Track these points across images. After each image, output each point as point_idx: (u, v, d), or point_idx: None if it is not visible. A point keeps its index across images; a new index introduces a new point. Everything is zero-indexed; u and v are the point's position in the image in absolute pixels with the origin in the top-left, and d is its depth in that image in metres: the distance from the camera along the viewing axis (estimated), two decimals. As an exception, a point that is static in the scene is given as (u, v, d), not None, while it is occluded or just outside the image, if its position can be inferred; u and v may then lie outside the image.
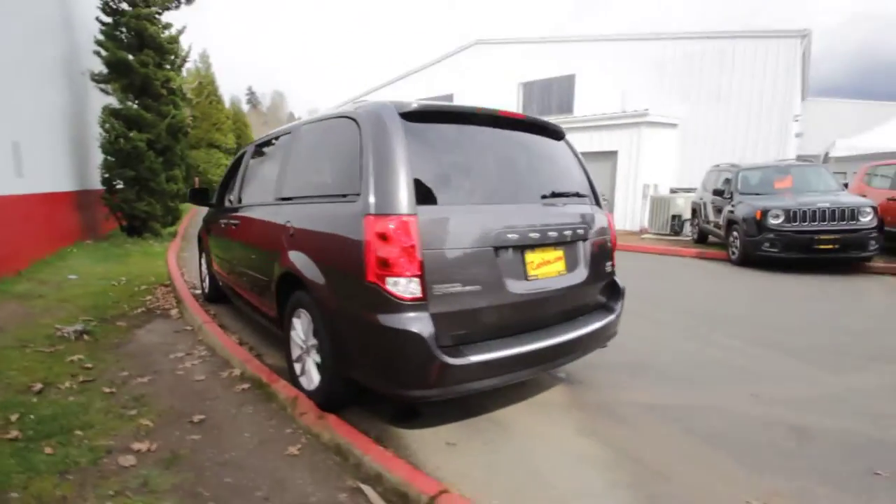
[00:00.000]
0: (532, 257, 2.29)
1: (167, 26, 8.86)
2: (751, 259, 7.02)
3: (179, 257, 7.78)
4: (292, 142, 2.91)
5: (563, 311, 2.49)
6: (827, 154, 15.64)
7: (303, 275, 2.39)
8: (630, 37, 17.31)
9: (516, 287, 2.19)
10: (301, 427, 2.29)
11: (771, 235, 6.64)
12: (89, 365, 3.06)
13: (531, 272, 2.27)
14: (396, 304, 1.93)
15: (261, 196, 3.43)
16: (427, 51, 23.41)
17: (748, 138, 14.46)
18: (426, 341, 1.90)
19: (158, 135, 8.59)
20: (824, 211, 6.43)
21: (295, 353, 2.74)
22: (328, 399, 2.42)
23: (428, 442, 2.26)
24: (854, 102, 22.08)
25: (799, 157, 14.68)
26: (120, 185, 8.52)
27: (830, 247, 6.37)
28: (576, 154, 2.81)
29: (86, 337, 3.65)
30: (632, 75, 16.89)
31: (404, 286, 1.93)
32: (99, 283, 5.52)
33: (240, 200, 3.72)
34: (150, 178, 8.52)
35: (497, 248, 2.15)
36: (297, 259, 2.48)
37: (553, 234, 2.35)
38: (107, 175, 8.31)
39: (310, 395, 2.51)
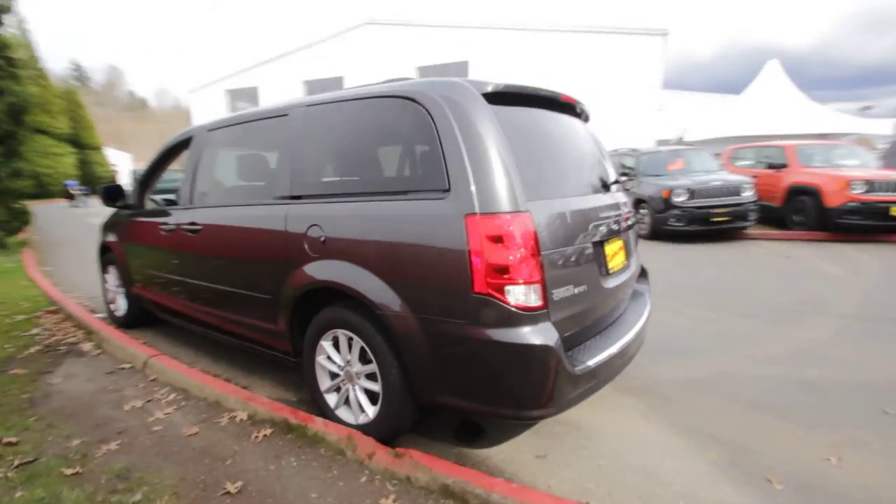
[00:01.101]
0: (608, 249, 2.18)
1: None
2: (658, 233, 7.88)
3: (45, 273, 6.15)
4: (297, 127, 2.36)
5: (624, 302, 2.44)
6: (681, 139, 18.26)
7: (354, 290, 1.97)
8: (519, 27, 18.08)
9: (606, 282, 2.08)
10: (377, 471, 1.90)
11: (676, 211, 7.52)
12: (12, 439, 2.20)
13: (610, 265, 2.17)
14: (515, 316, 1.67)
15: (241, 195, 2.77)
16: (295, 30, 21.69)
17: (618, 125, 16.17)
18: (556, 354, 1.69)
19: (-8, 117, 6.60)
20: (717, 188, 7.46)
21: (325, 383, 2.29)
22: (394, 431, 2.06)
23: (516, 459, 2.06)
24: (706, 95, 26.13)
25: (658, 142, 16.92)
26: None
27: (723, 219, 7.43)
28: (594, 137, 2.75)
29: (-27, 398, 2.64)
30: (520, 63, 17.72)
31: (525, 295, 1.67)
32: (-56, 319, 4.08)
33: (190, 201, 2.97)
34: (-14, 174, 6.54)
35: (594, 243, 2.00)
36: (340, 271, 2.03)
37: (616, 224, 2.27)
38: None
39: (360, 429, 2.11)
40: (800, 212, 7.81)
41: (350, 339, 2.13)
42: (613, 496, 1.82)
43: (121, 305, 3.99)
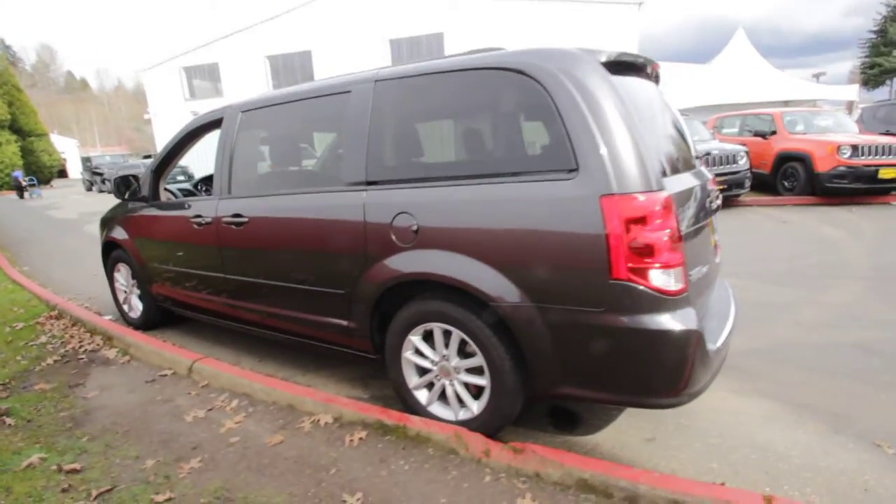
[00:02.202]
0: (709, 228, 2.12)
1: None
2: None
3: (26, 273, 5.64)
4: (366, 105, 2.14)
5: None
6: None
7: (461, 281, 1.83)
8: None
9: (715, 260, 2.02)
10: (499, 470, 1.81)
11: (675, 181, 7.63)
12: (74, 465, 1.97)
13: (713, 243, 2.11)
14: (659, 301, 1.58)
15: (295, 182, 2.54)
16: (256, 1, 20.28)
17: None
18: (699, 338, 1.62)
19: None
20: (715, 157, 7.58)
21: (412, 379, 2.17)
22: (501, 425, 1.97)
23: (627, 445, 2.02)
24: (674, 65, 26.35)
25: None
26: None
27: (721, 187, 7.58)
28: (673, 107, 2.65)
29: (8, 421, 2.37)
30: (495, 34, 17.33)
31: (669, 278, 1.58)
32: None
33: (228, 190, 2.71)
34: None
35: (702, 221, 1.93)
36: (440, 262, 1.88)
37: (710, 202, 2.20)
38: None
39: (462, 426, 2.01)
40: (790, 177, 8.07)
41: (447, 332, 2.00)
42: (741, 475, 1.80)
43: (136, 306, 3.69)
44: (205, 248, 2.83)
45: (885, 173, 7.15)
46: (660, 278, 1.58)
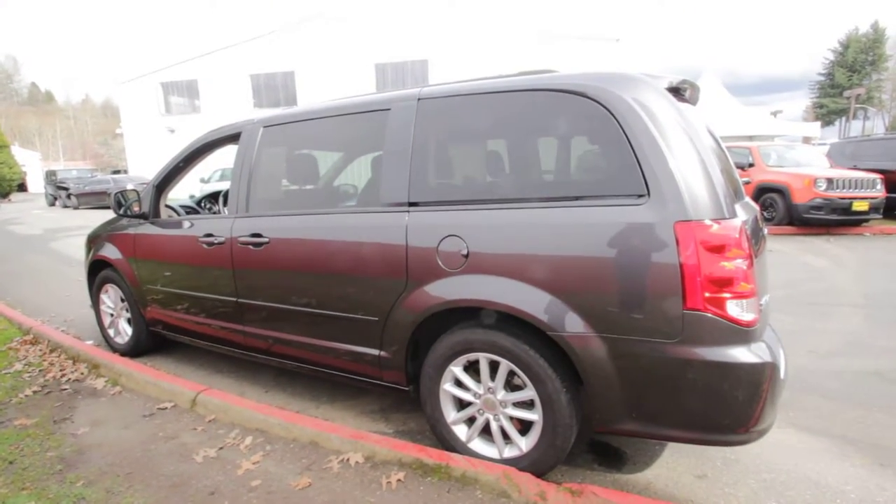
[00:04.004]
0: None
1: None
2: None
3: (-11, 294, 5.20)
4: (409, 123, 2.06)
5: None
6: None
7: (517, 310, 1.73)
8: (481, 27, 18.11)
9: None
10: (559, 515, 1.68)
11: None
12: (75, 515, 1.73)
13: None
14: (734, 333, 1.52)
15: (324, 202, 2.41)
16: (239, 19, 20.27)
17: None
18: (775, 371, 1.57)
19: None
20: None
21: (451, 413, 2.03)
22: (553, 464, 1.85)
23: (680, 482, 1.93)
24: None
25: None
26: None
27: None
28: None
29: (-14, 462, 2.08)
30: (483, 66, 17.76)
31: (745, 309, 1.53)
32: None
33: (246, 209, 2.55)
34: None
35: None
36: (493, 289, 1.78)
37: (762, 229, 2.17)
38: None
39: (509, 465, 1.88)
40: (769, 208, 8.39)
41: (493, 363, 1.89)
42: (800, 513, 1.74)
43: (124, 330, 3.41)
44: (215, 270, 2.64)
45: (858, 206, 7.53)
46: (735, 309, 1.53)
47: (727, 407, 1.57)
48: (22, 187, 32.25)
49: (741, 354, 1.53)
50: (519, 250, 1.76)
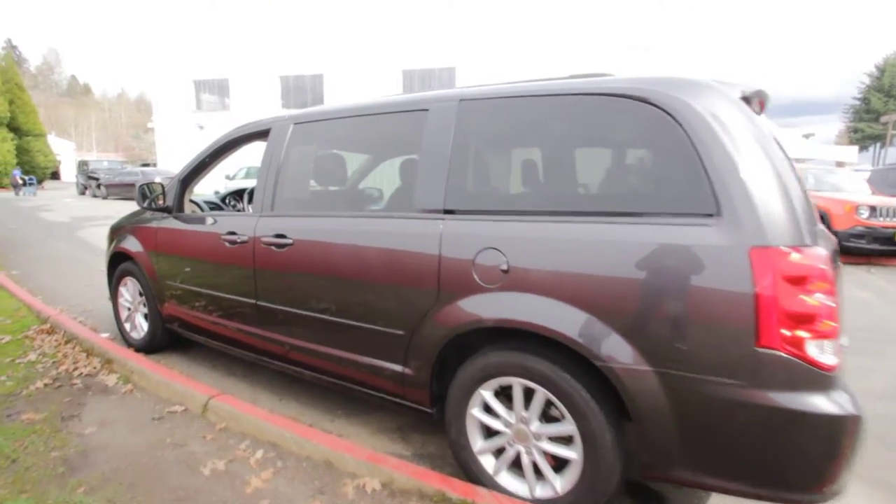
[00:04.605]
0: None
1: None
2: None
3: (15, 279, 5.23)
4: (448, 125, 1.92)
5: None
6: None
7: (562, 334, 1.57)
8: (509, 34, 18.04)
9: None
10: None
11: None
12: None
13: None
14: (814, 377, 1.34)
15: (353, 204, 2.29)
16: (271, 22, 20.58)
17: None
18: (860, 424, 1.37)
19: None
20: None
21: (477, 441, 1.87)
22: (597, 506, 1.66)
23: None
24: None
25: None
26: None
27: None
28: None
29: (-12, 459, 1.99)
30: (512, 74, 17.67)
31: (826, 350, 1.34)
32: None
33: (272, 207, 2.44)
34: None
35: None
36: (535, 309, 1.62)
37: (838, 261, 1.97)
38: None
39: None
40: (806, 234, 8.02)
41: (529, 390, 1.72)
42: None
43: (140, 325, 3.34)
44: (236, 270, 2.54)
45: (902, 236, 7.13)
46: (815, 350, 1.34)
47: (800, 462, 1.38)
48: (55, 175, 33.31)
49: (820, 403, 1.33)
50: (565, 268, 1.59)
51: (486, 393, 1.82)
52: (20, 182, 19.57)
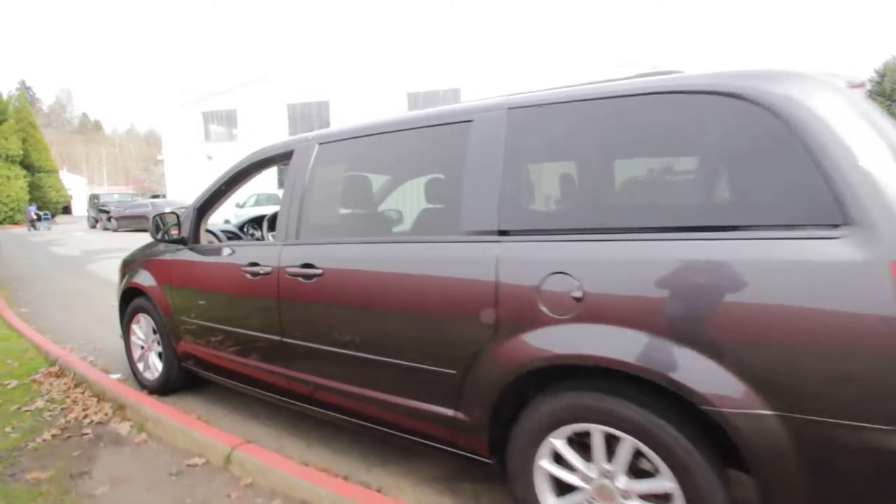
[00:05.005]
0: None
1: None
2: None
3: (22, 316, 5.06)
4: (498, 136, 1.72)
5: None
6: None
7: (656, 372, 1.32)
8: (513, 55, 18.18)
9: None
10: None
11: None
12: None
13: None
14: None
15: (390, 229, 2.08)
16: (277, 50, 21.02)
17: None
18: None
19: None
20: None
21: (547, 497, 1.60)
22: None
23: None
24: None
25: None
26: None
27: None
28: None
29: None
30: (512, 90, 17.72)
31: None
32: None
33: (297, 235, 2.24)
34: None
35: None
36: (622, 344, 1.37)
37: None
38: None
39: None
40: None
41: (612, 438, 1.46)
42: None
43: (154, 365, 3.12)
44: (259, 304, 2.32)
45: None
46: None
47: None
48: (67, 210, 33.76)
49: None
50: (655, 294, 1.35)
51: (558, 441, 1.56)
52: (35, 218, 19.93)
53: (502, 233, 1.65)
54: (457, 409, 1.74)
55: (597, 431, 1.48)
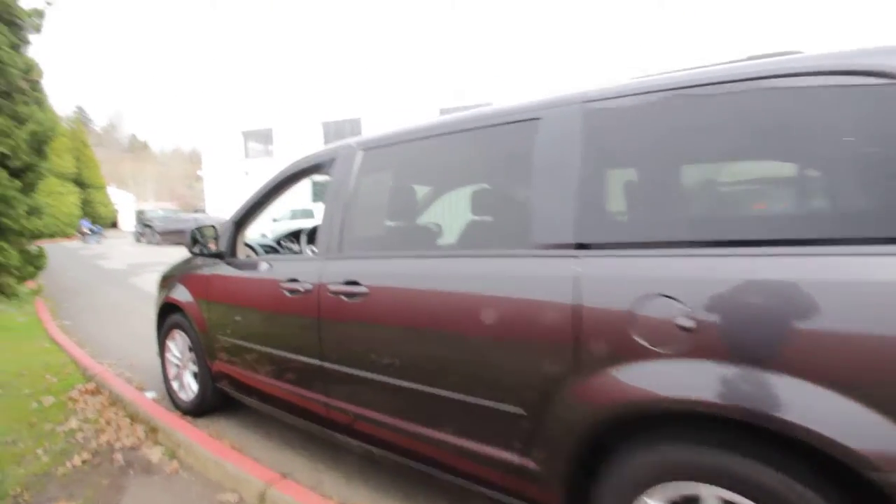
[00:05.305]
0: None
1: (27, -7, 6.11)
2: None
3: (64, 329, 5.11)
4: (572, 136, 1.48)
5: None
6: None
7: (804, 429, 1.03)
8: (545, 69, 18.00)
9: None
10: None
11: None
12: None
13: None
14: None
15: (442, 241, 1.87)
16: (311, 69, 21.78)
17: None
18: None
19: (15, 147, 5.74)
20: None
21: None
22: None
23: None
24: None
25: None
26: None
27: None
28: None
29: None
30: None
31: None
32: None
33: (339, 248, 2.05)
34: (3, 211, 5.61)
35: None
36: (746, 386, 1.09)
37: None
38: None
39: None
40: None
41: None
42: None
43: (188, 385, 2.99)
44: (297, 324, 2.14)
45: None
46: None
47: None
48: (114, 224, 35.49)
49: None
50: (805, 326, 1.06)
51: (655, 503, 1.27)
52: (87, 231, 20.96)
53: (581, 246, 1.41)
54: (524, 455, 1.48)
55: (711, 497, 1.19)
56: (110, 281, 9.30)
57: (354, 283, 1.90)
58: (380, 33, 20.52)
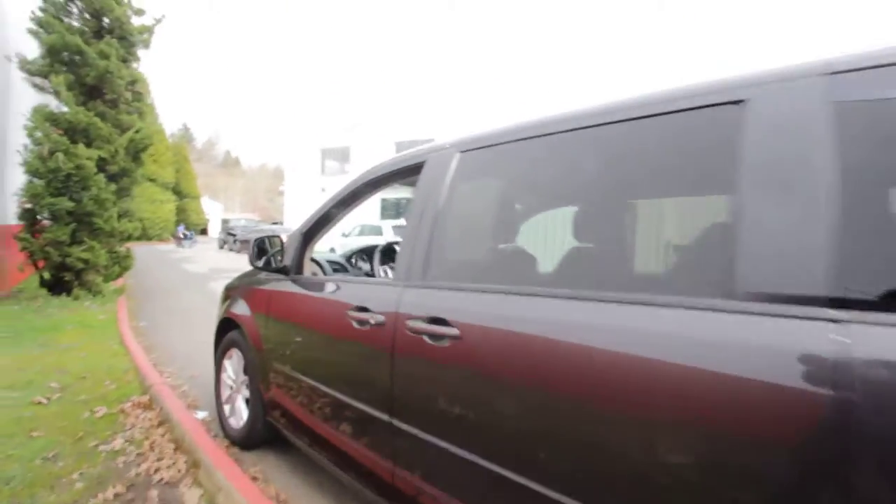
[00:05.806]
0: None
1: (139, 12, 6.55)
2: None
3: (138, 331, 5.15)
4: (795, 131, 0.94)
5: None
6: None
7: None
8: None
9: None
10: None
11: None
12: None
13: None
14: None
15: (591, 273, 1.37)
16: (387, 89, 22.44)
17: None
18: None
19: (114, 153, 6.05)
20: None
21: None
22: None
23: None
24: None
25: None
26: (47, 221, 5.80)
27: None
28: None
29: None
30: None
31: None
32: (6, 403, 2.95)
33: (422, 275, 1.60)
34: (96, 213, 5.89)
35: None
36: None
37: None
38: (30, 205, 5.61)
39: None
40: None
41: None
42: None
43: (240, 411, 2.67)
44: (365, 364, 1.71)
45: None
46: None
47: None
48: (204, 231, 38.61)
49: None
50: None
51: None
52: (182, 236, 22.82)
53: (842, 303, 0.83)
54: None
55: None
56: (191, 285, 9.67)
57: (441, 321, 1.43)
58: (454, 58, 20.82)
